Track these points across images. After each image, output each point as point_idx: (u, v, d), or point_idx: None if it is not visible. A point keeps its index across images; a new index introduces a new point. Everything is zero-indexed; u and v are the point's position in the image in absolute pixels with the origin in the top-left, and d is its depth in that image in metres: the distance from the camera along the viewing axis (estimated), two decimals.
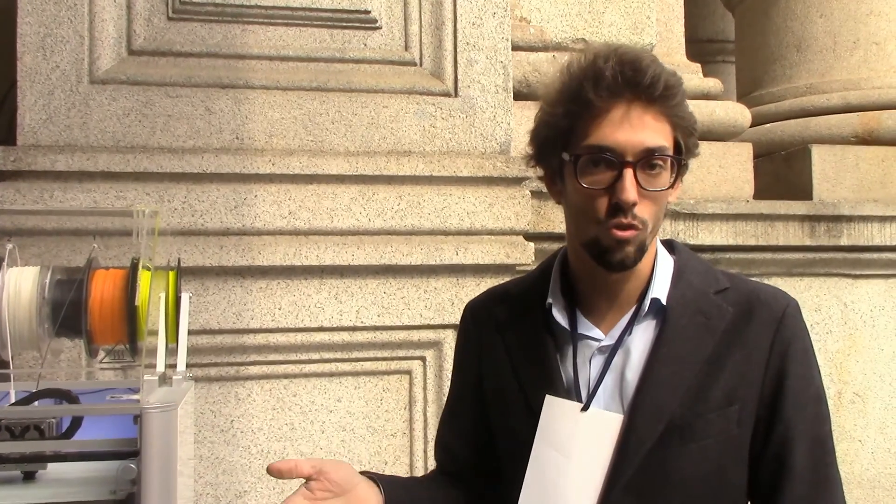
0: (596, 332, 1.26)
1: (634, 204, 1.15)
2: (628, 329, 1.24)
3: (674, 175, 1.20)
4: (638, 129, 1.15)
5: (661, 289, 1.25)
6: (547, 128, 1.24)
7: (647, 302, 1.24)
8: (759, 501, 1.24)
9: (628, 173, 1.15)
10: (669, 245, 1.33)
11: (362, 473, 1.31)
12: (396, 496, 1.31)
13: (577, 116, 1.18)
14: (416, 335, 2.32)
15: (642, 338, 1.24)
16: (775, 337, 1.22)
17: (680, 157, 1.20)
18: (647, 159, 1.16)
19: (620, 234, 1.16)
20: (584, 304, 1.29)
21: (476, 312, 1.44)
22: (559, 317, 1.28)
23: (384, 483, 1.31)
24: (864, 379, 3.03)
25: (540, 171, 1.31)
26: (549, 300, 1.29)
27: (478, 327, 1.41)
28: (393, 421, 2.33)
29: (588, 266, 1.25)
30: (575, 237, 1.25)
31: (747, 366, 1.21)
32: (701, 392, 1.20)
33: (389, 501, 1.29)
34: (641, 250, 1.20)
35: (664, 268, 1.28)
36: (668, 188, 1.19)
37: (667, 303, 1.24)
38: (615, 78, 1.15)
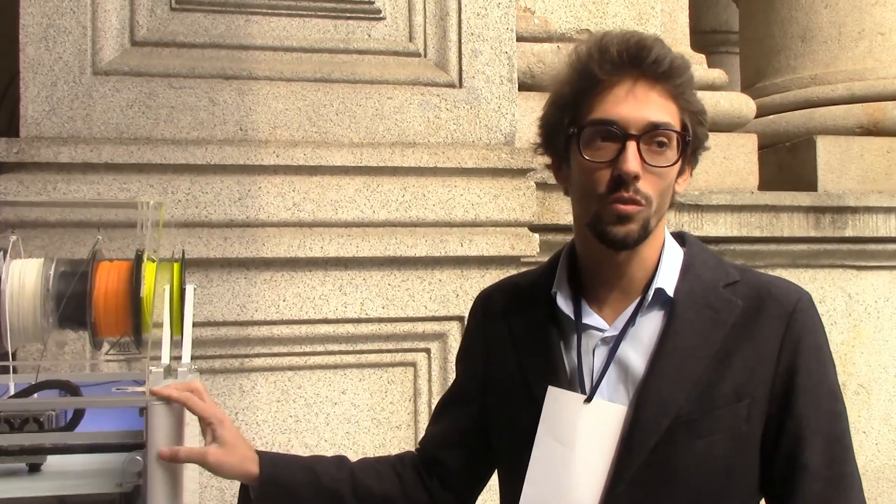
0: (600, 322, 1.24)
1: (637, 177, 1.14)
2: (632, 320, 1.22)
3: (680, 154, 1.18)
4: (643, 104, 1.16)
5: (667, 280, 1.23)
6: (554, 108, 1.25)
7: (652, 292, 1.22)
8: (774, 500, 1.21)
9: (631, 146, 1.15)
10: (680, 237, 1.31)
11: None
12: (274, 472, 1.34)
13: (583, 92, 1.19)
14: (420, 327, 2.32)
15: (648, 329, 1.22)
16: (786, 332, 1.19)
17: (686, 134, 1.19)
18: (651, 134, 1.16)
19: (622, 207, 1.15)
20: (589, 293, 1.27)
21: (485, 303, 1.42)
22: (564, 306, 1.26)
23: (263, 454, 1.36)
24: (868, 370, 3.03)
25: (547, 160, 1.31)
26: (554, 289, 1.28)
27: (486, 317, 1.40)
28: (398, 413, 2.33)
29: (594, 251, 1.23)
30: (580, 218, 1.24)
31: (757, 361, 1.19)
32: (709, 387, 1.17)
33: (265, 473, 1.33)
34: (646, 228, 1.18)
35: (672, 259, 1.25)
36: (672, 164, 1.18)
37: (674, 295, 1.22)
38: (620, 54, 1.16)
